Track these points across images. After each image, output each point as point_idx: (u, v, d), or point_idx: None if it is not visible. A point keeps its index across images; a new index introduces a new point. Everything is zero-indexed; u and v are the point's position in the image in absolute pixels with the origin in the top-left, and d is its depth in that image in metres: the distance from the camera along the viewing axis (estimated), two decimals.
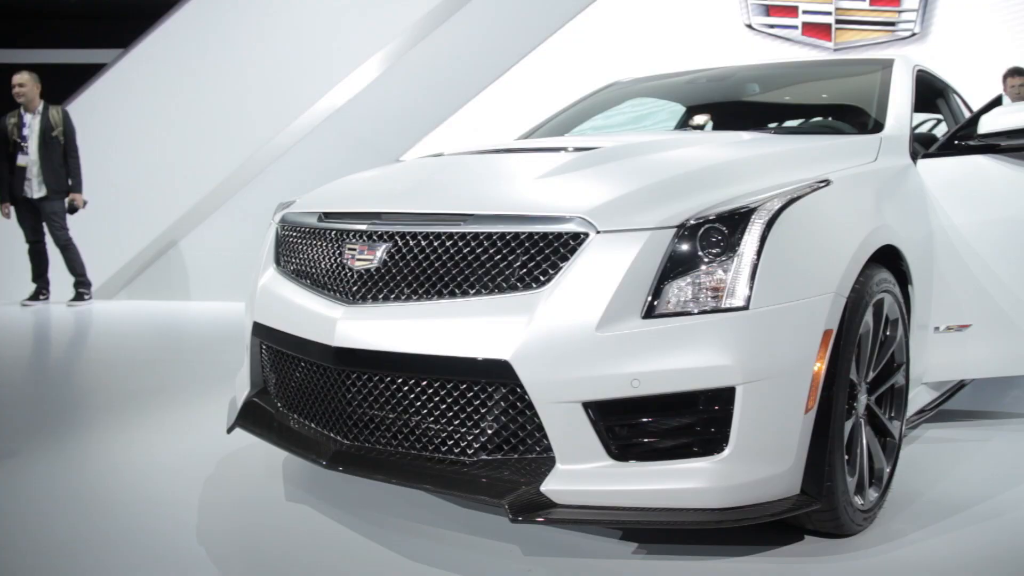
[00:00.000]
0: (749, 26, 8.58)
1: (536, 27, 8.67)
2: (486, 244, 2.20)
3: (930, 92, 4.07)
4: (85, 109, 8.88)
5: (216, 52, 8.83)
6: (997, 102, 3.24)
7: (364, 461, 2.32)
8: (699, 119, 4.19)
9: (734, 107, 4.10)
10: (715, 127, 4.07)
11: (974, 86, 5.68)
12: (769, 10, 8.53)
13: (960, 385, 3.62)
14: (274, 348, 2.71)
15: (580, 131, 3.94)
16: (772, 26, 8.55)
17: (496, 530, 2.44)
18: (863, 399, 2.47)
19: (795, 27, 8.52)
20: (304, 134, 8.51)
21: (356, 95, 8.46)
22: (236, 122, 8.68)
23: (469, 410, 2.19)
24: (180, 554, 2.31)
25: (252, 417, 2.76)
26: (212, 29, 8.85)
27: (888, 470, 2.61)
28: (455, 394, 2.20)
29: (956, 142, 3.12)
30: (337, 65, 8.53)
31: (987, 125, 3.06)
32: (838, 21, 8.50)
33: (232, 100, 8.72)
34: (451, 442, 2.23)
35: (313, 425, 2.54)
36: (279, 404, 2.74)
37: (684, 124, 4.24)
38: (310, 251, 2.63)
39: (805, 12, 8.54)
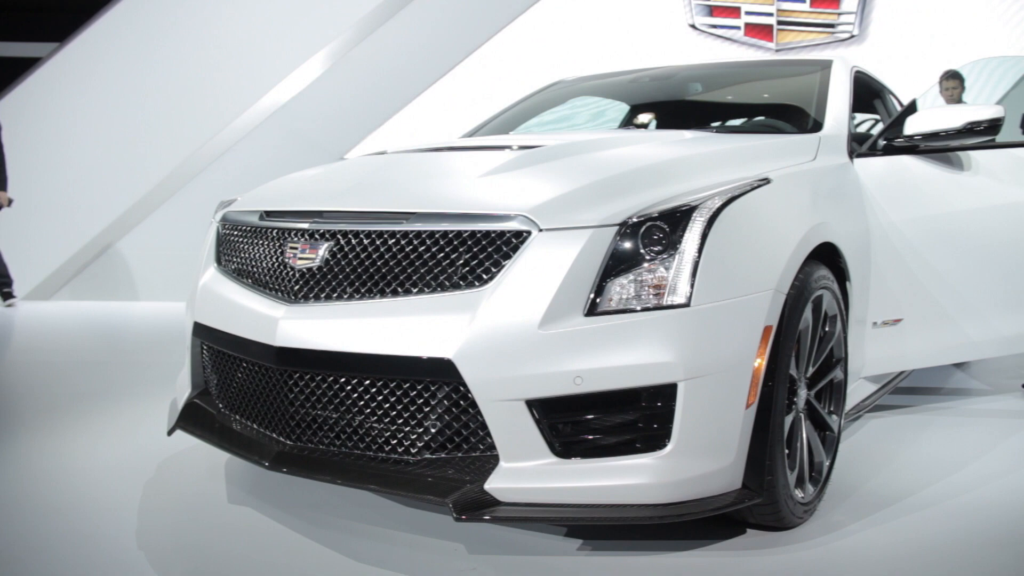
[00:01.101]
0: (693, 26, 8.66)
1: (481, 25, 8.67)
2: (428, 242, 2.19)
3: (867, 93, 4.15)
4: (17, 104, 8.68)
5: (156, 47, 8.68)
6: (914, 106, 3.33)
7: (307, 462, 2.30)
8: (642, 118, 4.22)
9: (677, 106, 4.13)
10: (658, 126, 4.10)
11: (910, 87, 5.81)
12: (712, 11, 8.63)
13: (898, 378, 3.69)
14: (215, 349, 2.67)
15: (524, 129, 3.94)
16: (715, 26, 8.64)
17: (441, 529, 2.44)
18: (803, 394, 2.51)
19: (738, 28, 8.62)
20: (247, 131, 8.41)
21: (300, 92, 8.38)
22: (177, 119, 8.55)
23: (412, 409, 2.18)
24: (120, 559, 2.27)
25: (193, 419, 2.72)
26: (153, 23, 8.70)
27: (828, 463, 2.65)
28: (398, 393, 2.19)
29: (883, 142, 3.19)
30: (280, 62, 8.45)
31: (911, 126, 3.14)
32: (780, 22, 8.62)
33: (173, 96, 8.58)
34: (395, 441, 2.22)
35: (255, 426, 2.51)
36: (221, 405, 2.70)
37: (628, 123, 4.26)
38: (251, 250, 2.60)
39: (748, 13, 8.65)
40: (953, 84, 7.43)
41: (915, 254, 3.24)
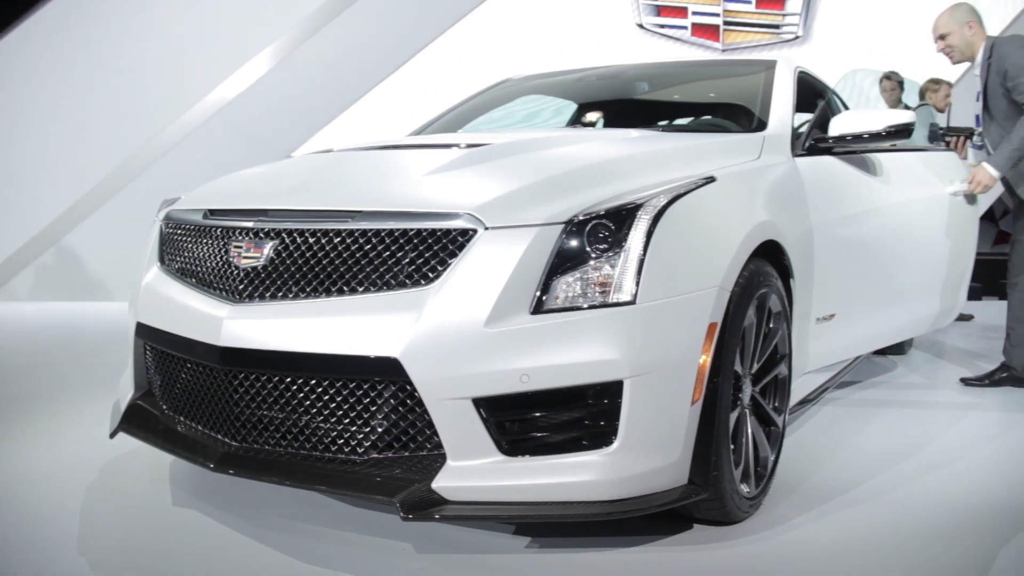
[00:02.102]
0: (640, 26, 8.72)
1: (429, 23, 8.64)
2: (374, 241, 2.18)
3: (811, 93, 4.20)
4: None
5: (101, 42, 8.52)
6: (828, 108, 3.47)
7: (253, 463, 2.28)
8: (590, 116, 4.24)
9: (624, 105, 4.15)
10: (606, 125, 4.13)
11: (852, 88, 5.90)
12: (660, 11, 8.70)
13: (841, 373, 3.75)
14: (159, 349, 2.64)
15: (472, 127, 3.94)
16: (662, 26, 8.71)
17: (389, 529, 2.42)
18: (748, 390, 2.54)
19: (685, 28, 8.70)
20: (192, 128, 8.29)
21: (246, 89, 8.28)
22: (121, 115, 8.39)
23: (359, 408, 2.17)
24: (61, 565, 2.22)
25: (136, 421, 2.68)
26: (97, 16, 8.53)
27: (773, 458, 2.69)
28: (344, 392, 2.17)
29: (812, 143, 3.25)
30: (227, 58, 8.34)
31: (834, 128, 3.24)
32: (726, 23, 8.72)
33: (117, 92, 8.42)
34: (341, 441, 2.21)
35: (200, 427, 2.48)
36: (164, 407, 2.67)
37: (575, 121, 4.28)
38: (195, 249, 2.57)
39: (694, 13, 8.73)
40: (891, 85, 7.59)
41: (844, 250, 3.33)
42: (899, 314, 4.04)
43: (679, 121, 4.05)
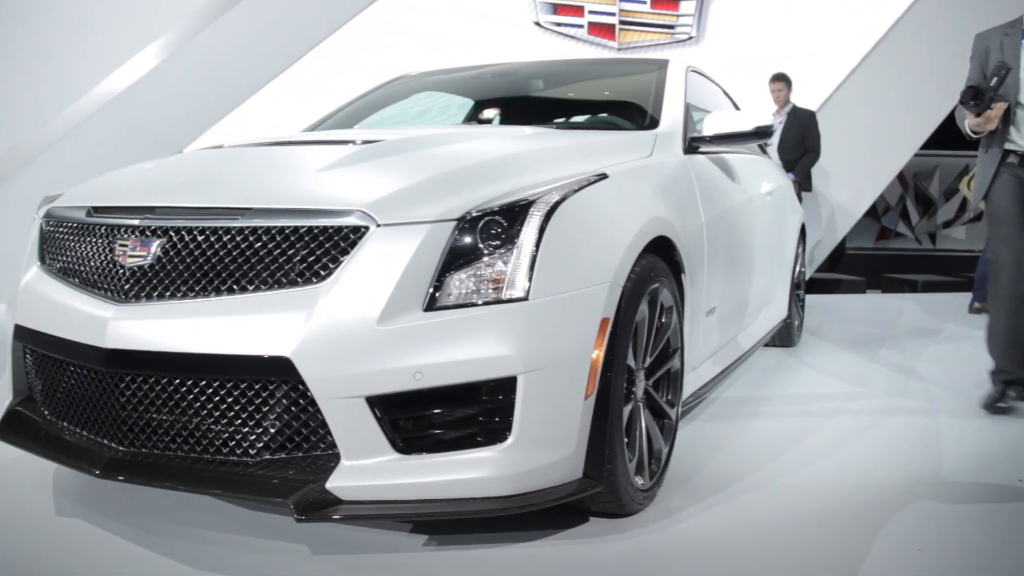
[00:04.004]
0: (537, 24, 8.77)
1: (324, 17, 8.51)
2: (265, 239, 2.14)
3: (703, 91, 4.30)
4: None
5: None
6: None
7: (142, 467, 2.21)
8: (486, 113, 4.25)
9: (520, 102, 4.18)
10: (502, 122, 4.14)
11: (744, 87, 6.06)
12: (556, 9, 8.76)
13: (731, 366, 3.85)
14: (39, 352, 2.54)
15: (367, 124, 3.91)
16: (559, 24, 8.77)
17: (284, 531, 2.39)
18: (641, 384, 2.58)
19: (581, 26, 8.78)
20: (76, 123, 7.98)
21: (134, 83, 8.02)
22: (0, 108, 8.03)
23: (251, 409, 2.13)
24: None
25: (16, 427, 2.57)
26: None
27: (666, 450, 2.74)
28: (235, 393, 2.13)
29: (690, 142, 3.34)
30: (114, 51, 8.05)
31: (708, 128, 3.35)
32: (622, 22, 8.83)
33: None
34: (233, 443, 2.16)
35: (85, 433, 2.40)
36: (46, 412, 2.57)
37: (471, 118, 4.28)
38: (78, 248, 2.48)
39: (591, 12, 8.81)
40: (779, 86, 7.82)
41: (725, 245, 3.45)
42: (761, 306, 4.35)
43: (574, 119, 4.10)
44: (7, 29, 8.07)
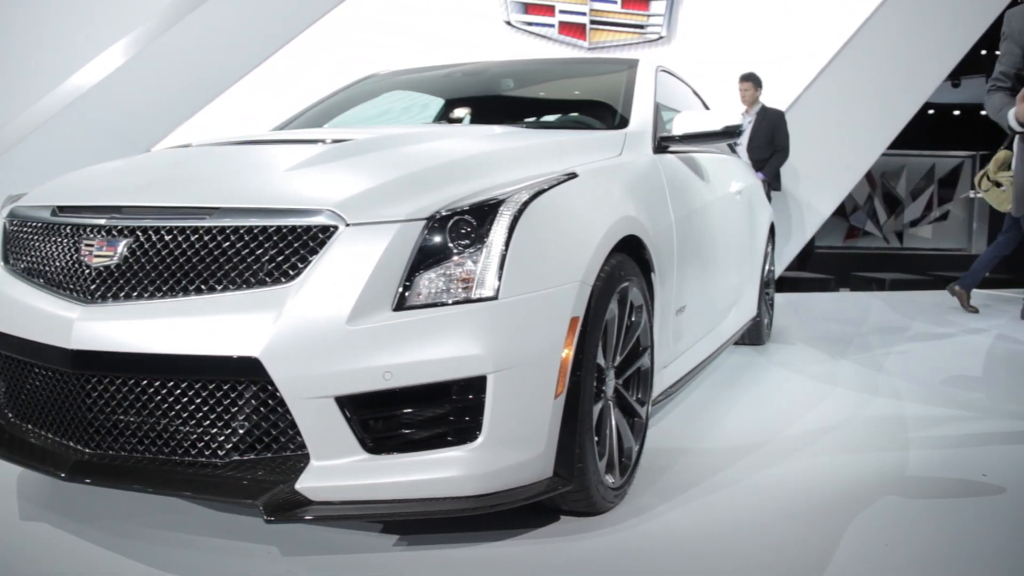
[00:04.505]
0: (508, 23, 8.77)
1: (295, 16, 8.46)
2: (233, 238, 2.13)
3: (673, 91, 4.32)
4: None
5: None
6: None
7: (109, 470, 2.19)
8: (456, 112, 4.25)
9: (490, 101, 4.17)
10: (472, 121, 4.14)
11: (714, 87, 6.09)
12: (527, 8, 8.76)
13: (701, 363, 3.88)
14: (3, 354, 2.51)
15: (337, 123, 3.89)
16: (530, 24, 8.78)
17: (253, 532, 2.38)
18: (611, 382, 2.59)
19: (552, 26, 8.79)
20: (42, 121, 7.87)
21: (101, 81, 7.92)
22: None
23: (219, 410, 2.12)
24: None
25: None
26: None
27: (637, 448, 2.75)
28: (204, 394, 2.11)
29: (659, 141, 3.35)
30: (81, 47, 7.95)
31: (676, 127, 3.36)
32: (592, 22, 8.84)
33: None
34: (202, 444, 2.15)
35: (50, 435, 2.37)
36: (10, 415, 2.54)
37: (442, 117, 4.28)
38: (43, 248, 2.46)
39: (562, 12, 8.82)
40: (747, 86, 7.87)
41: (694, 244, 3.47)
42: (730, 305, 4.39)
43: (544, 118, 4.11)
44: None
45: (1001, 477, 2.94)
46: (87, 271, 2.26)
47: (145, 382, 2.15)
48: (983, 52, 22.29)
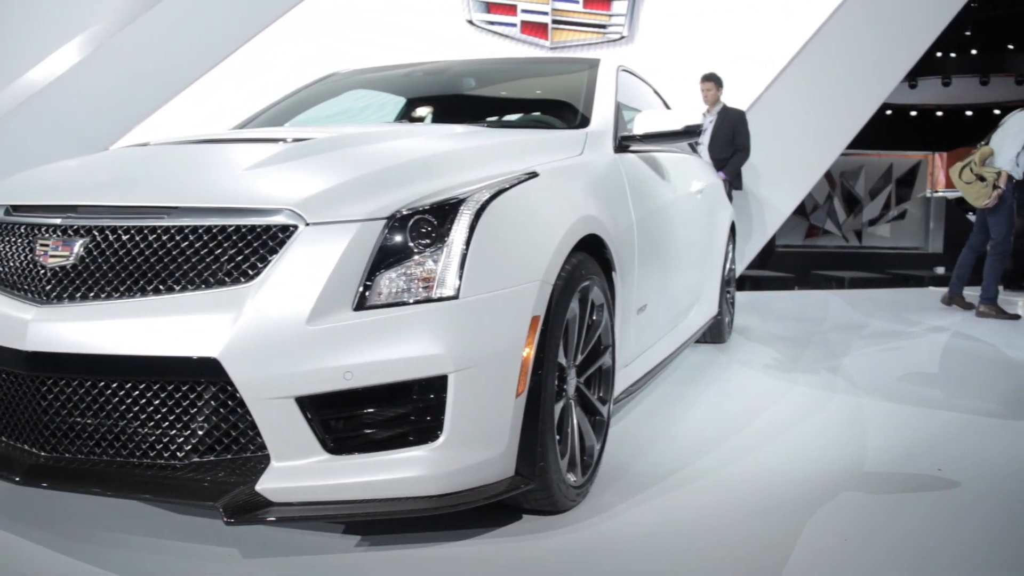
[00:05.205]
0: (470, 22, 8.76)
1: (256, 14, 8.39)
2: (192, 238, 2.11)
3: (634, 91, 4.34)
4: None
5: None
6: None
7: (66, 473, 2.16)
8: (418, 112, 4.24)
9: (452, 101, 4.17)
10: (434, 120, 4.13)
11: (675, 87, 6.13)
12: (489, 7, 8.76)
13: (663, 362, 3.90)
14: None
15: (298, 122, 3.87)
16: (492, 23, 8.78)
17: (213, 534, 2.36)
18: (572, 381, 2.60)
19: (514, 25, 8.79)
20: None
21: (58, 77, 7.80)
22: None
23: (178, 411, 2.10)
24: None
25: None
26: None
27: (598, 447, 2.76)
28: (162, 395, 2.09)
29: (620, 141, 3.37)
30: (36, 44, 7.83)
31: (637, 127, 3.37)
32: (554, 21, 8.86)
33: None
34: (160, 446, 2.12)
35: (4, 438, 2.33)
36: None
37: (403, 116, 4.27)
38: None
39: (524, 11, 8.83)
40: (709, 86, 7.92)
41: (656, 242, 3.49)
42: (691, 303, 4.44)
43: (506, 117, 4.11)
44: None
45: (955, 472, 2.99)
46: (42, 271, 2.23)
47: (102, 384, 2.13)
48: (939, 54, 22.68)
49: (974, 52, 23.60)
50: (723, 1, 9.04)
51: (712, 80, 7.93)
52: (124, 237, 2.16)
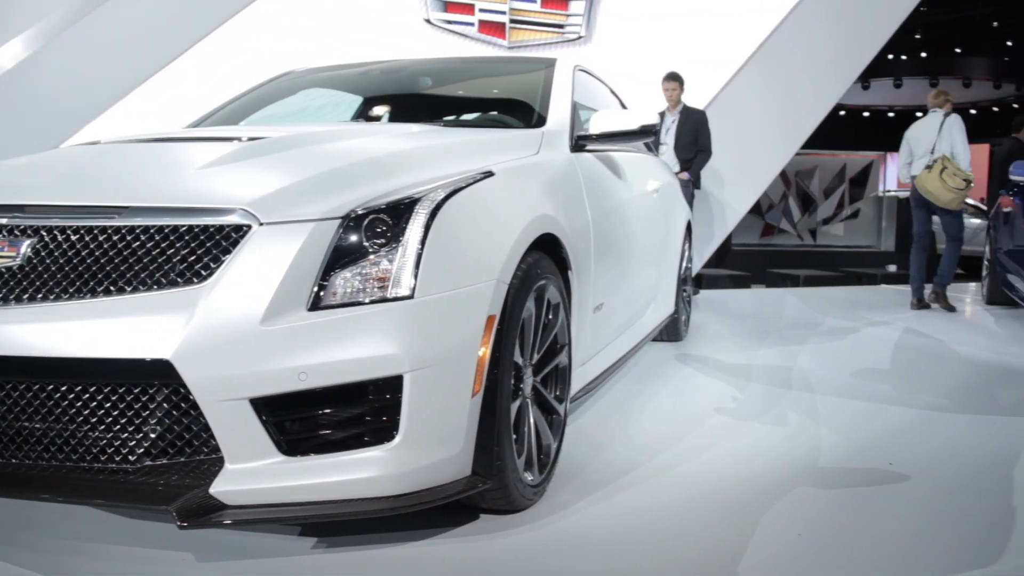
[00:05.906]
0: (428, 21, 8.74)
1: (210, 10, 8.30)
2: (143, 238, 2.08)
3: (591, 90, 4.36)
4: None
5: None
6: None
7: (13, 479, 2.12)
8: (374, 111, 4.22)
9: (408, 100, 4.16)
10: (390, 119, 4.12)
11: (633, 87, 6.17)
12: (447, 6, 8.74)
13: (620, 360, 3.92)
14: None
15: (252, 121, 3.83)
16: (450, 22, 8.76)
17: (167, 539, 2.33)
18: (529, 380, 2.60)
19: (472, 24, 8.78)
20: None
21: (5, 72, 7.65)
22: None
23: (130, 414, 2.07)
24: None
25: None
26: None
27: (555, 445, 2.77)
28: (114, 398, 2.06)
29: (577, 140, 3.38)
30: None
31: (595, 126, 3.39)
32: (512, 21, 8.87)
33: None
34: (112, 450, 2.09)
35: None
36: None
37: (360, 116, 4.24)
38: None
39: (481, 10, 8.82)
40: (672, 86, 7.94)
41: (611, 241, 3.50)
42: (648, 302, 4.47)
43: (462, 117, 4.11)
44: None
45: (905, 466, 3.04)
46: None
47: (51, 387, 2.09)
48: (890, 56, 23.04)
49: (924, 55, 24.00)
50: (680, 2, 9.10)
51: (676, 80, 7.93)
52: (74, 237, 2.12)
